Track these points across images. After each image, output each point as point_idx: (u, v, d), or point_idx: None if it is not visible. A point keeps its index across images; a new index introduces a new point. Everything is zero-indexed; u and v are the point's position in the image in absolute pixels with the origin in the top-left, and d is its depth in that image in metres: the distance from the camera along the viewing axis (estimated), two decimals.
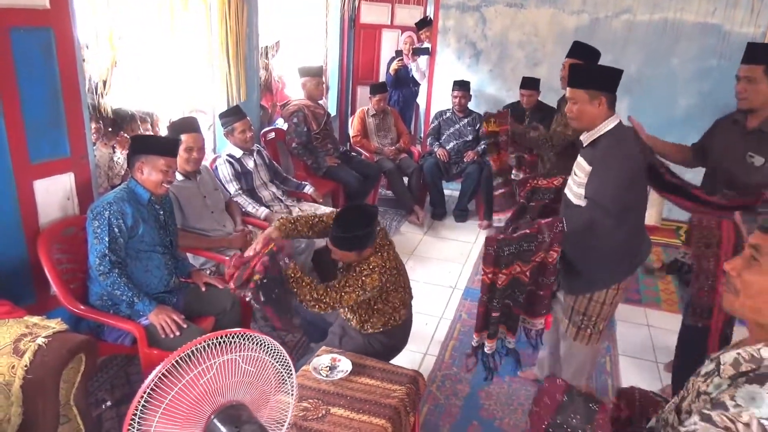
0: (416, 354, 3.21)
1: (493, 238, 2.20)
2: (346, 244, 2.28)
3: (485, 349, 2.44)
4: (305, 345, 3.19)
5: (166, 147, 2.51)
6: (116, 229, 2.35)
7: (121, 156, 3.19)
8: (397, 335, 2.56)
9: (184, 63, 3.66)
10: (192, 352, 1.31)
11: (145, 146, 2.49)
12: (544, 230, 2.21)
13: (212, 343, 1.35)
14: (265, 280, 2.10)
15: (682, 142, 3.20)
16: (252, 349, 1.38)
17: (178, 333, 2.35)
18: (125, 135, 3.22)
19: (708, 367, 1.20)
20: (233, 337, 1.35)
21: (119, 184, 3.08)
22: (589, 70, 2.31)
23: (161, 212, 2.59)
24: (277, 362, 1.45)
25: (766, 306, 1.11)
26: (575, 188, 2.35)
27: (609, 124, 2.26)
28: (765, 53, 2.45)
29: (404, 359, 2.98)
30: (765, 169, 2.42)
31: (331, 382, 2.14)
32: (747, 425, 0.96)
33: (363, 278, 2.27)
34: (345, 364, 2.22)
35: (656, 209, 4.23)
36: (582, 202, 2.31)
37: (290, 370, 1.50)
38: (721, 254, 2.19)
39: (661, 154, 2.83)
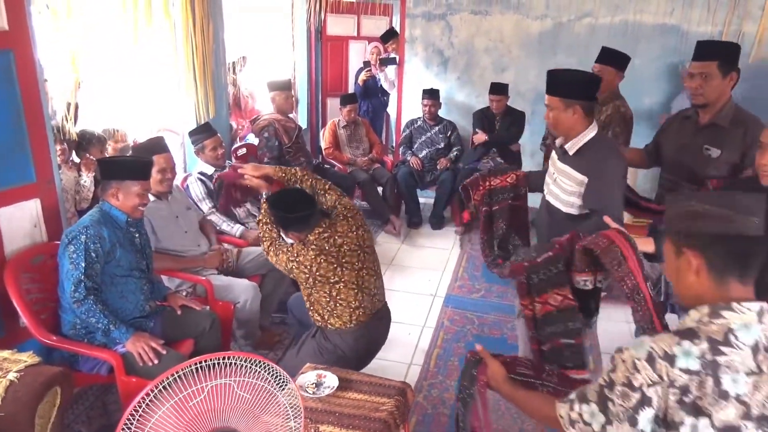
0: (401, 365, 3.18)
1: (520, 266, 2.04)
2: (274, 217, 2.44)
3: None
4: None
5: (139, 171, 2.44)
6: (93, 254, 2.28)
7: (87, 179, 3.11)
8: (342, 346, 2.45)
9: (151, 82, 3.59)
10: (176, 377, 1.27)
11: (117, 171, 2.41)
12: (567, 248, 1.99)
13: (192, 369, 1.32)
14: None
15: (648, 140, 3.28)
16: (245, 374, 1.33)
17: (156, 360, 2.28)
18: (91, 157, 3.14)
19: None
20: (221, 361, 1.32)
21: (87, 208, 3.01)
22: (564, 78, 2.27)
23: (137, 235, 2.52)
24: (274, 385, 1.41)
25: (678, 287, 1.25)
26: (563, 196, 2.32)
27: (590, 133, 2.26)
28: (717, 49, 2.52)
29: (389, 370, 2.95)
30: (722, 161, 2.49)
31: (318, 399, 2.10)
32: (624, 360, 1.13)
33: (298, 247, 2.38)
34: (331, 380, 2.17)
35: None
36: (574, 210, 2.30)
37: (292, 392, 1.46)
38: (631, 266, 1.85)
39: (636, 163, 2.90)
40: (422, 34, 5.46)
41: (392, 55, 5.78)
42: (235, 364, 1.43)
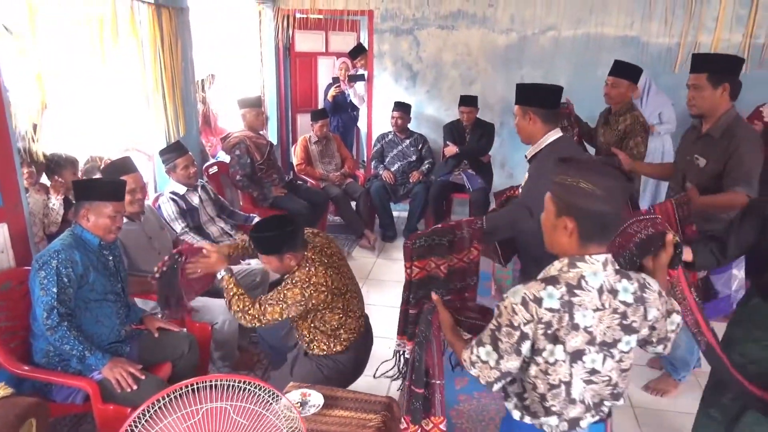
0: (383, 379, 3.15)
1: (414, 234, 2.18)
2: (262, 245, 2.32)
3: (405, 353, 2.28)
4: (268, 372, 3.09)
5: (112, 191, 2.38)
6: (65, 279, 2.21)
7: (56, 202, 3.02)
8: (344, 362, 2.48)
9: (119, 101, 3.53)
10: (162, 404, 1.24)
11: (88, 192, 2.35)
12: (463, 226, 2.18)
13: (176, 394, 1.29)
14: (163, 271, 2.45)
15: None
16: (241, 397, 1.31)
17: (135, 386, 2.22)
18: (60, 180, 3.06)
19: None
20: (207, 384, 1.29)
21: (56, 232, 2.92)
22: (525, 88, 2.40)
23: (110, 258, 2.46)
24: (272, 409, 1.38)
25: (549, 238, 1.51)
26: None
27: (549, 138, 2.37)
28: (706, 62, 2.58)
29: (373, 386, 2.93)
30: (707, 170, 2.55)
31: (303, 418, 2.06)
32: (505, 307, 1.41)
33: (285, 292, 2.28)
34: (316, 398, 2.15)
35: None
36: None
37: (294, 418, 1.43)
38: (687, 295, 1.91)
39: (650, 175, 2.94)
40: (390, 49, 5.51)
41: (361, 71, 5.82)
42: (222, 386, 1.41)
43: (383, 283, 4.37)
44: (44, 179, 3.09)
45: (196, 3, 4.21)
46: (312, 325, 2.40)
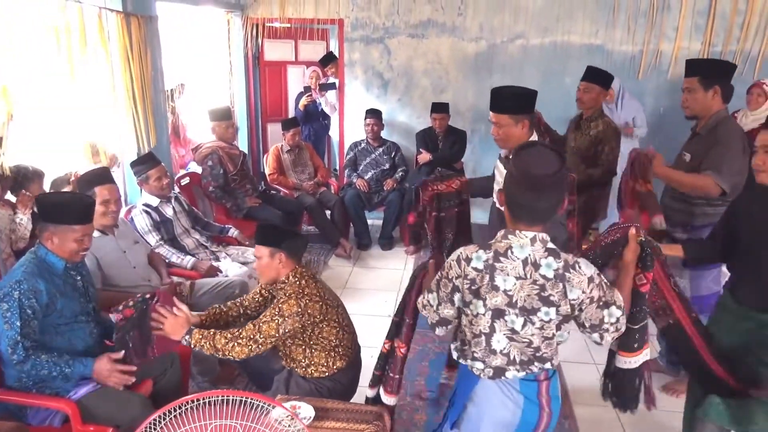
0: (367, 389, 3.12)
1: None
2: (264, 233, 2.36)
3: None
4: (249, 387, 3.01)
5: (80, 214, 2.21)
6: (29, 311, 2.07)
7: (24, 217, 2.90)
8: (343, 381, 2.47)
9: (88, 111, 3.43)
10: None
11: (54, 214, 2.17)
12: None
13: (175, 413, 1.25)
14: (130, 326, 2.30)
15: None
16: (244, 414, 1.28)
17: (133, 379, 2.23)
18: (28, 193, 2.94)
19: None
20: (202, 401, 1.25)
21: (25, 248, 2.80)
22: (509, 95, 2.40)
23: (78, 278, 2.32)
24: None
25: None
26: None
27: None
28: (698, 66, 2.72)
29: (356, 396, 2.90)
30: (691, 165, 2.70)
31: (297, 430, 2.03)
32: (448, 265, 1.70)
33: (280, 305, 2.25)
34: (307, 410, 2.11)
35: None
36: None
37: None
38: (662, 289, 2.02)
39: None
40: (361, 57, 5.52)
41: (332, 80, 5.80)
42: (218, 402, 1.38)
43: (361, 292, 4.34)
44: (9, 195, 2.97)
45: (164, 12, 4.13)
46: (311, 343, 2.35)
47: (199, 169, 4.48)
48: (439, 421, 2.03)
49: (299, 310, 2.24)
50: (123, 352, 2.26)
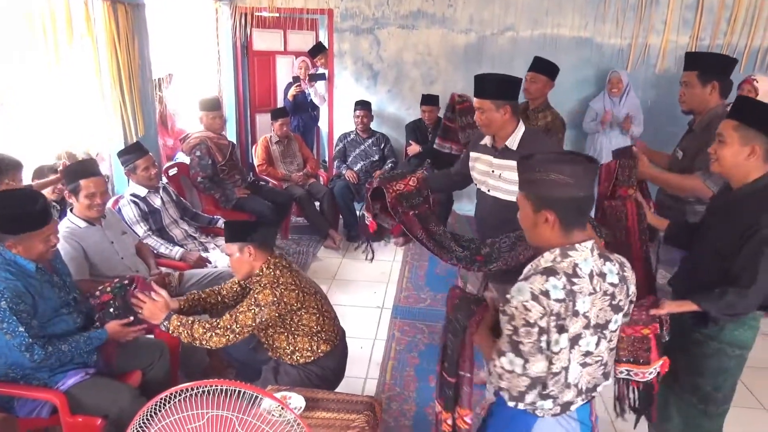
0: (357, 380, 3.14)
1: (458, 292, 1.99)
2: (231, 229, 2.37)
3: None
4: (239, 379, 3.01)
5: (36, 220, 2.10)
6: (24, 314, 2.04)
7: None
8: (329, 365, 2.48)
9: (74, 100, 3.38)
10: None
11: (9, 228, 2.06)
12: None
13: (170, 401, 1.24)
14: (111, 310, 2.34)
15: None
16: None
17: (143, 332, 2.41)
18: (8, 182, 2.89)
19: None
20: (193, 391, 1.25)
21: None
22: (492, 81, 2.44)
23: (53, 273, 2.27)
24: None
25: (531, 235, 1.54)
26: (510, 187, 2.38)
27: (521, 128, 2.45)
28: (697, 60, 2.66)
29: (346, 386, 2.91)
30: (684, 162, 2.66)
31: (283, 422, 2.03)
32: (516, 308, 1.38)
33: (255, 296, 2.26)
34: (297, 401, 2.11)
35: None
36: None
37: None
38: (629, 226, 2.25)
39: (662, 166, 2.98)
40: (351, 48, 5.49)
41: (321, 70, 5.77)
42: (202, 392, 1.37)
43: (350, 283, 4.34)
44: None
45: (152, 0, 4.07)
46: (292, 331, 2.37)
47: (187, 160, 4.44)
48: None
49: (275, 299, 2.25)
50: (131, 318, 2.34)
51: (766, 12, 4.92)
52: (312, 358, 2.41)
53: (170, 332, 2.27)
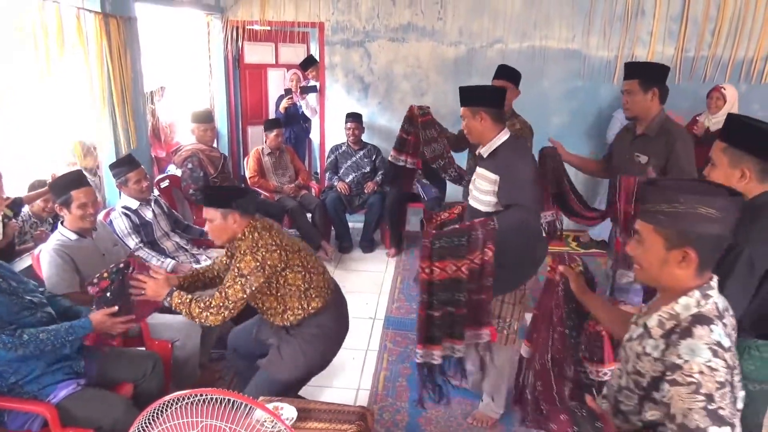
0: (349, 390, 3.14)
1: (429, 232, 2.31)
2: (212, 196, 2.35)
3: (433, 359, 2.42)
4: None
5: None
6: None
7: None
8: (326, 323, 2.45)
9: (66, 114, 3.39)
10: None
11: None
12: (477, 227, 2.32)
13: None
14: (108, 294, 2.29)
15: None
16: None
17: (132, 325, 2.37)
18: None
19: (636, 331, 1.43)
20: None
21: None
22: (471, 90, 2.54)
23: (1, 279, 2.19)
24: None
25: (658, 274, 1.36)
26: (481, 196, 2.52)
27: (502, 137, 2.50)
28: (638, 69, 2.85)
29: (338, 397, 2.92)
30: (649, 166, 2.76)
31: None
32: (701, 372, 1.19)
33: (238, 265, 2.25)
34: (289, 412, 2.11)
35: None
36: (491, 208, 2.50)
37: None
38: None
39: (580, 167, 3.13)
40: (342, 61, 5.54)
41: (312, 82, 5.81)
42: (193, 402, 1.38)
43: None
44: None
45: (144, 14, 4.10)
46: (279, 294, 2.36)
47: (178, 172, 4.45)
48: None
49: (257, 264, 2.24)
50: (116, 307, 2.30)
51: (749, 24, 5.02)
52: (302, 315, 2.39)
53: (173, 308, 2.30)
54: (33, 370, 2.17)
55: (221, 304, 2.25)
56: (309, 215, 5.17)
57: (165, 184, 4.32)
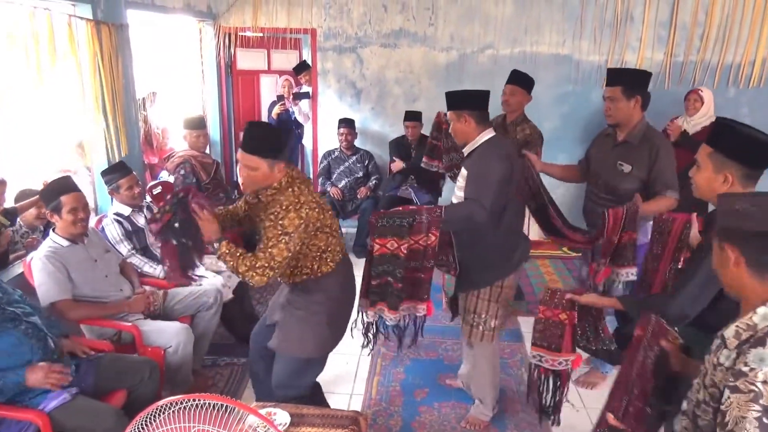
0: (343, 395, 3.15)
1: (376, 212, 2.50)
2: (262, 144, 2.12)
3: (366, 315, 2.64)
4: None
5: None
6: None
7: None
8: (333, 287, 2.36)
9: (58, 120, 3.38)
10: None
11: None
12: (423, 213, 2.45)
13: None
14: (176, 224, 2.17)
15: (551, 160, 3.56)
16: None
17: (70, 378, 2.21)
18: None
19: (715, 343, 1.40)
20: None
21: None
22: (455, 94, 2.59)
23: None
24: None
25: (739, 287, 1.35)
26: (458, 192, 2.60)
27: (484, 137, 2.55)
28: (620, 76, 2.85)
29: (332, 402, 2.91)
30: (633, 175, 2.76)
31: None
32: (764, 382, 1.16)
33: (281, 222, 2.10)
34: (282, 417, 2.11)
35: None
36: None
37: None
38: (669, 241, 2.33)
39: (556, 176, 3.12)
40: (334, 66, 5.56)
41: (305, 88, 5.83)
42: (184, 407, 1.38)
43: None
44: None
45: (136, 20, 4.11)
46: (300, 252, 2.22)
47: (171, 178, 4.44)
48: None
49: (301, 221, 2.11)
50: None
51: (737, 29, 5.08)
52: (309, 276, 2.29)
53: (218, 256, 2.15)
54: (18, 381, 2.13)
55: (266, 265, 2.09)
56: None
57: (158, 190, 4.31)
